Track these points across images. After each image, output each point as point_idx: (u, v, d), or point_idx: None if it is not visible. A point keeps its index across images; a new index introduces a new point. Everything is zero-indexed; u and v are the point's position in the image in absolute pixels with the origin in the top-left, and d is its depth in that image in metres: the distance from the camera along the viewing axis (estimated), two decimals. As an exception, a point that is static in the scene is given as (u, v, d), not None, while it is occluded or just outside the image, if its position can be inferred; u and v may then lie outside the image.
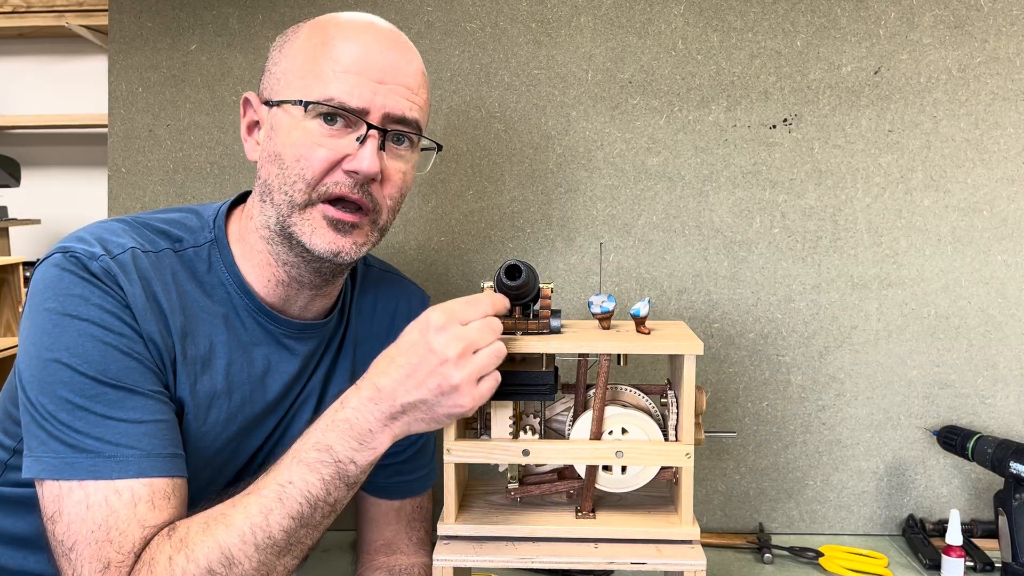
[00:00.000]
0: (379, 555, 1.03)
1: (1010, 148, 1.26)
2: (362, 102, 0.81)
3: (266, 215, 0.84)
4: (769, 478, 1.30)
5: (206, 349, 0.85)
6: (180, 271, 0.84)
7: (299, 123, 0.81)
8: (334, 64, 0.81)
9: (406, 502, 1.05)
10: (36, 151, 2.67)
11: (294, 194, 0.81)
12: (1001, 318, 1.27)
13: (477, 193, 1.31)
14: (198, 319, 0.84)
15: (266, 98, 0.85)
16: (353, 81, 0.80)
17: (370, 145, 0.81)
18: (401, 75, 0.83)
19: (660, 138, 1.29)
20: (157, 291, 0.81)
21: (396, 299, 1.03)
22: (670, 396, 0.85)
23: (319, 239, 0.82)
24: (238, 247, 0.88)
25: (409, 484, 1.05)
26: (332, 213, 0.82)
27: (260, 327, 0.88)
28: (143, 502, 0.74)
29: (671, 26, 1.28)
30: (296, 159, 0.81)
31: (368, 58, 0.81)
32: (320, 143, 0.81)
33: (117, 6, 1.33)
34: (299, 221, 0.82)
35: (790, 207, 1.28)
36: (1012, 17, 1.25)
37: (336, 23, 0.84)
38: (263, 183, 0.84)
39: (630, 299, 1.29)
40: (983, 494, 1.28)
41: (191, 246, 0.86)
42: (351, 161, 0.81)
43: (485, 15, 1.30)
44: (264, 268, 0.87)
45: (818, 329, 1.29)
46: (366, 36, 0.83)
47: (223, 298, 0.87)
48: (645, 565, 0.81)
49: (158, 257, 0.83)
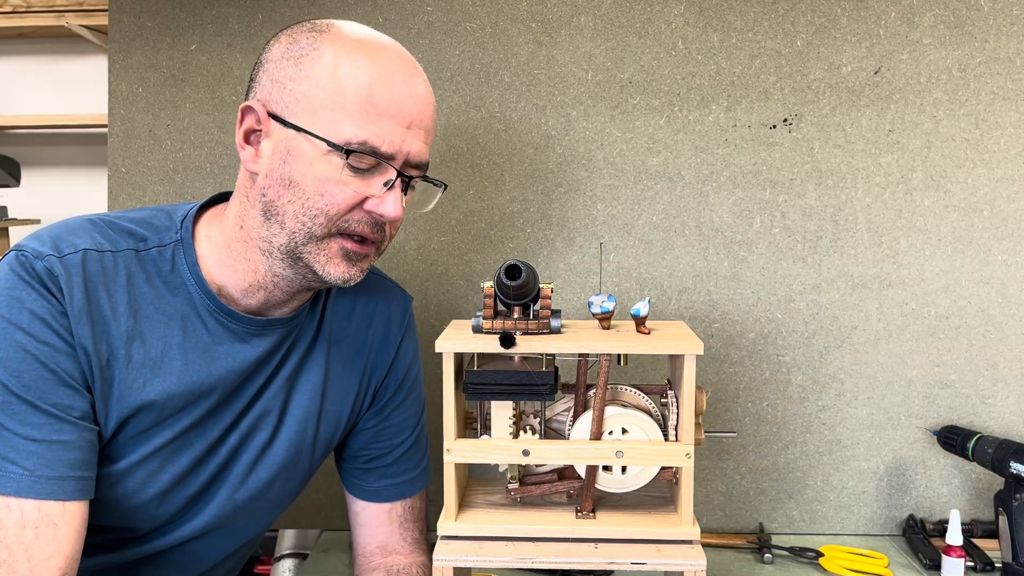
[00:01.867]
0: (375, 557, 1.03)
1: (1010, 148, 1.26)
2: (392, 148, 0.81)
3: (271, 232, 0.84)
4: (769, 478, 1.30)
5: (158, 351, 0.85)
6: (137, 272, 0.85)
7: (322, 156, 0.80)
8: (367, 104, 0.79)
9: (397, 504, 1.05)
10: (36, 151, 2.67)
11: (314, 227, 0.82)
12: (1001, 318, 1.27)
13: (477, 193, 1.31)
14: (152, 321, 0.85)
15: (278, 114, 0.82)
16: (385, 126, 0.80)
17: (397, 192, 0.82)
18: (425, 119, 0.84)
19: (660, 138, 1.29)
20: (100, 295, 0.81)
21: (375, 302, 1.02)
22: (670, 396, 0.85)
23: (333, 268, 0.84)
24: (214, 253, 0.88)
25: (399, 487, 1.04)
26: (351, 247, 0.83)
27: (221, 326, 0.88)
28: (30, 526, 0.75)
29: (671, 26, 1.28)
30: (319, 193, 0.80)
31: (400, 102, 0.81)
32: (346, 182, 0.80)
33: (117, 6, 1.33)
34: (314, 250, 0.83)
35: (790, 207, 1.28)
36: (1012, 17, 1.25)
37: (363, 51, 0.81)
38: (270, 203, 0.83)
39: (630, 299, 1.29)
40: (983, 494, 1.28)
41: (155, 245, 0.86)
42: (377, 204, 0.82)
43: (485, 15, 1.30)
44: (248, 275, 0.87)
45: (818, 329, 1.29)
46: (397, 76, 0.82)
47: (185, 298, 0.87)
48: (645, 565, 0.81)
49: (115, 257, 0.83)
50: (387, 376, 1.02)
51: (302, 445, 0.96)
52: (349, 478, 1.06)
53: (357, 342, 1.00)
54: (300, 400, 0.95)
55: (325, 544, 1.31)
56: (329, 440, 1.00)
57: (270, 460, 0.94)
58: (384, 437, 1.03)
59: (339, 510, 1.31)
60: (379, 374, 1.02)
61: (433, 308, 1.32)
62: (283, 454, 0.95)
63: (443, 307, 1.32)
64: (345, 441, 1.04)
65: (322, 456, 1.01)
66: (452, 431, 0.83)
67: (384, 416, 1.03)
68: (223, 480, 0.92)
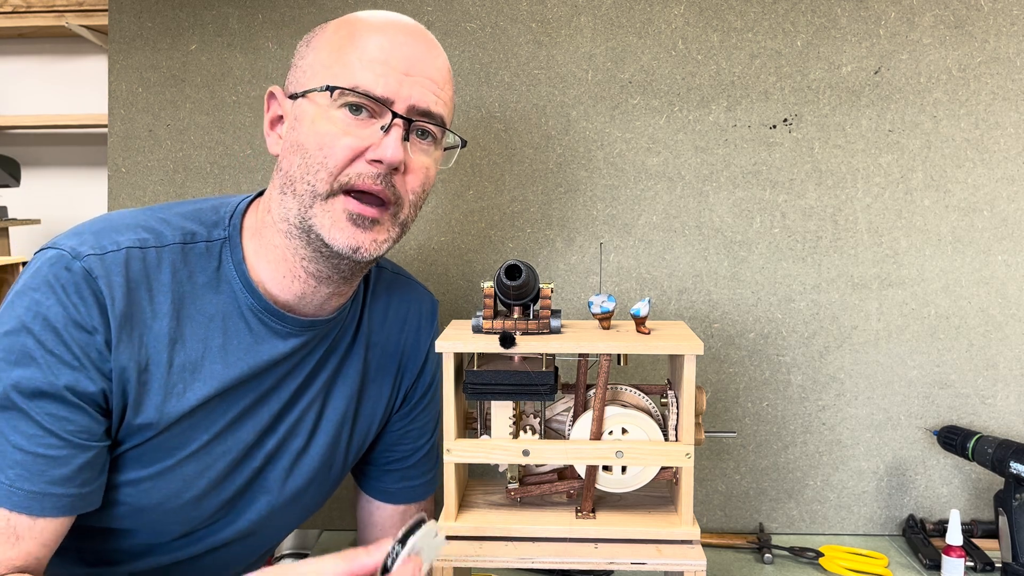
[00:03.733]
0: None
1: (1010, 148, 1.26)
2: (388, 91, 0.79)
3: (286, 207, 0.82)
4: (769, 478, 1.30)
5: (198, 354, 0.83)
6: (181, 269, 0.82)
7: (324, 112, 0.80)
8: (361, 53, 0.80)
9: (411, 507, 1.05)
10: (36, 151, 2.67)
11: (316, 183, 0.80)
12: (1001, 318, 1.27)
13: (477, 193, 1.31)
14: (193, 321, 0.83)
15: (291, 91, 0.84)
16: (379, 70, 0.79)
17: (394, 134, 0.79)
18: (428, 68, 0.82)
19: (660, 138, 1.29)
20: (143, 297, 0.79)
21: (408, 303, 1.02)
22: (670, 396, 0.85)
23: (338, 234, 0.80)
24: (252, 244, 0.86)
25: (414, 489, 1.05)
26: (353, 207, 0.80)
27: (264, 326, 0.86)
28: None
29: (671, 26, 1.28)
30: (319, 147, 0.79)
31: (395, 49, 0.80)
32: (345, 131, 0.79)
33: (117, 6, 1.33)
34: (319, 213, 0.80)
35: (790, 207, 1.28)
36: (1012, 17, 1.25)
37: (363, 18, 0.83)
38: (284, 175, 0.83)
39: (630, 299, 1.29)
40: (983, 494, 1.28)
41: (203, 240, 0.85)
42: (375, 150, 0.79)
43: (485, 15, 1.30)
44: (280, 264, 0.85)
45: (818, 329, 1.29)
46: (393, 29, 0.82)
47: (228, 296, 0.85)
48: (645, 565, 0.81)
49: (159, 254, 0.81)
50: (418, 378, 1.02)
51: (336, 449, 0.96)
52: (368, 478, 1.05)
53: (391, 344, 0.99)
54: (337, 404, 0.94)
55: (325, 544, 1.31)
56: (361, 444, 0.99)
57: (306, 465, 0.93)
58: (409, 439, 1.03)
59: (339, 510, 1.31)
60: (411, 376, 1.02)
61: (433, 308, 1.32)
62: (318, 459, 0.94)
63: (443, 307, 1.32)
64: (372, 442, 1.04)
65: (353, 460, 1.00)
66: (452, 431, 0.83)
67: (411, 418, 1.03)
68: (259, 485, 0.91)
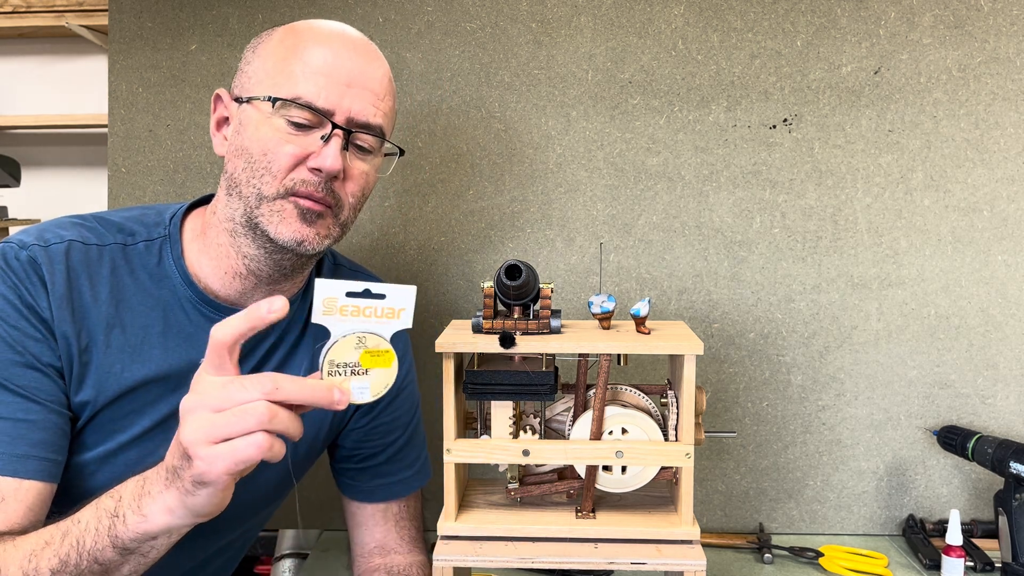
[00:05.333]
0: (374, 556, 1.03)
1: (1010, 148, 1.26)
2: (328, 103, 0.83)
3: (232, 208, 0.87)
4: (769, 478, 1.30)
5: (138, 339, 0.87)
6: (122, 265, 0.88)
7: (267, 119, 0.84)
8: (304, 65, 0.83)
9: (392, 503, 1.05)
10: (36, 151, 2.67)
11: (262, 186, 0.84)
12: (1001, 318, 1.27)
13: (477, 193, 1.31)
14: (133, 310, 0.87)
15: (236, 95, 0.88)
16: (321, 82, 0.83)
17: (334, 144, 0.84)
18: (368, 80, 0.86)
19: (660, 138, 1.29)
20: (83, 284, 0.85)
21: None
22: (670, 396, 0.85)
23: (285, 228, 0.84)
24: (195, 243, 0.91)
25: (391, 486, 1.05)
26: (303, 203, 0.84)
27: (203, 316, 0.89)
28: None
29: (671, 26, 1.28)
30: (263, 153, 0.83)
31: (337, 62, 0.84)
32: (287, 139, 0.83)
33: (117, 6, 1.33)
34: (267, 212, 0.84)
35: (790, 207, 1.28)
36: (1012, 17, 1.25)
37: (308, 29, 0.87)
38: (229, 177, 0.87)
39: (630, 299, 1.29)
40: (983, 494, 1.28)
41: (143, 240, 0.90)
42: (315, 158, 0.83)
43: (485, 15, 1.30)
44: (222, 260, 0.89)
45: (818, 329, 1.29)
46: (336, 42, 0.86)
47: (169, 289, 0.89)
48: (645, 565, 0.81)
49: (100, 250, 0.87)
50: None
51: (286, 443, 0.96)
52: (343, 479, 1.06)
53: None
54: None
55: (325, 544, 1.31)
56: (313, 438, 0.99)
57: None
58: (375, 436, 1.04)
59: (339, 510, 1.31)
60: None
61: (433, 308, 1.32)
62: None
63: (443, 307, 1.32)
64: (337, 442, 1.04)
65: (306, 454, 1.01)
66: (452, 431, 0.83)
67: (374, 415, 1.03)
68: None
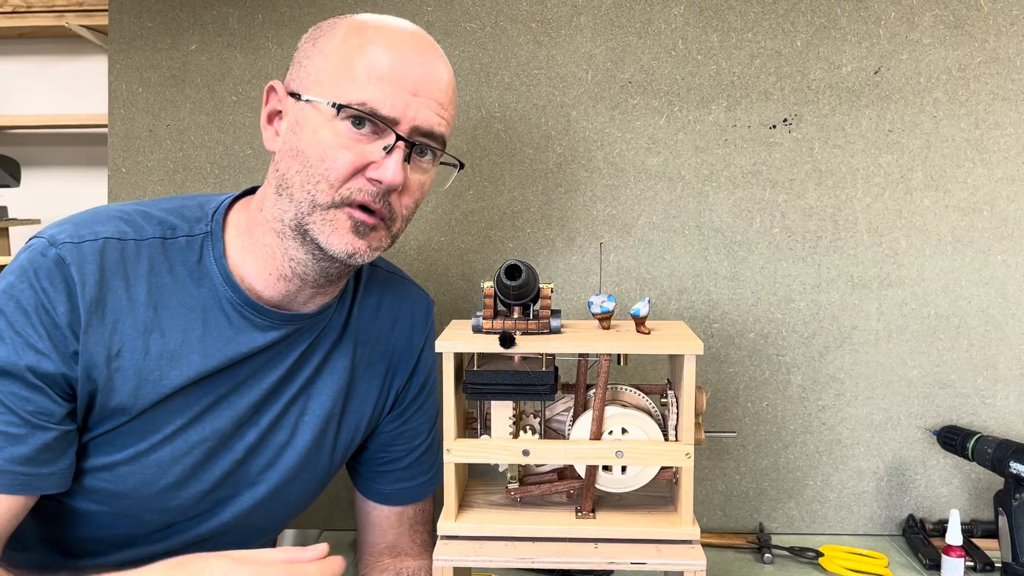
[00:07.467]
0: (384, 557, 1.03)
1: (1010, 148, 1.26)
2: (394, 112, 0.80)
3: (281, 209, 0.83)
4: (769, 478, 1.30)
5: (177, 344, 0.84)
6: (161, 262, 0.84)
7: (327, 122, 0.80)
8: (370, 69, 0.79)
9: (408, 507, 1.05)
10: (36, 151, 2.67)
11: (317, 194, 0.80)
12: (1001, 318, 1.27)
13: (477, 193, 1.31)
14: (172, 312, 0.84)
15: (293, 90, 0.84)
16: (388, 89, 0.79)
17: (396, 156, 0.80)
18: (435, 89, 0.82)
19: (660, 138, 1.29)
20: (117, 284, 0.81)
21: (400, 302, 1.02)
22: (670, 396, 0.85)
23: (337, 239, 0.81)
24: (238, 240, 0.87)
25: (411, 490, 1.04)
26: (357, 214, 0.81)
27: (244, 318, 0.87)
28: None
29: (671, 26, 1.28)
30: (321, 159, 0.80)
31: (404, 68, 0.80)
32: (347, 146, 0.79)
33: (117, 6, 1.33)
34: (319, 220, 0.81)
35: (790, 207, 1.28)
36: (1012, 17, 1.25)
37: (375, 27, 0.83)
38: (281, 176, 0.83)
39: (630, 299, 1.29)
40: (983, 494, 1.28)
41: (184, 235, 0.86)
42: (375, 170, 0.80)
43: (485, 15, 1.30)
44: (267, 261, 0.86)
45: (818, 329, 1.29)
46: (405, 45, 0.82)
47: (208, 289, 0.86)
48: (645, 565, 0.81)
49: (138, 246, 0.83)
50: (409, 379, 1.02)
51: (322, 446, 0.95)
52: (363, 480, 1.05)
53: (381, 342, 0.99)
54: (323, 400, 0.94)
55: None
56: (350, 442, 0.99)
57: (289, 460, 0.93)
58: (402, 440, 1.03)
59: (339, 510, 1.31)
60: (401, 377, 1.01)
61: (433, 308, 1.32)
62: (303, 454, 0.94)
63: (443, 307, 1.32)
64: (364, 443, 1.03)
65: (342, 458, 1.00)
66: (452, 431, 0.83)
67: (404, 420, 1.03)
68: (240, 478, 0.91)
